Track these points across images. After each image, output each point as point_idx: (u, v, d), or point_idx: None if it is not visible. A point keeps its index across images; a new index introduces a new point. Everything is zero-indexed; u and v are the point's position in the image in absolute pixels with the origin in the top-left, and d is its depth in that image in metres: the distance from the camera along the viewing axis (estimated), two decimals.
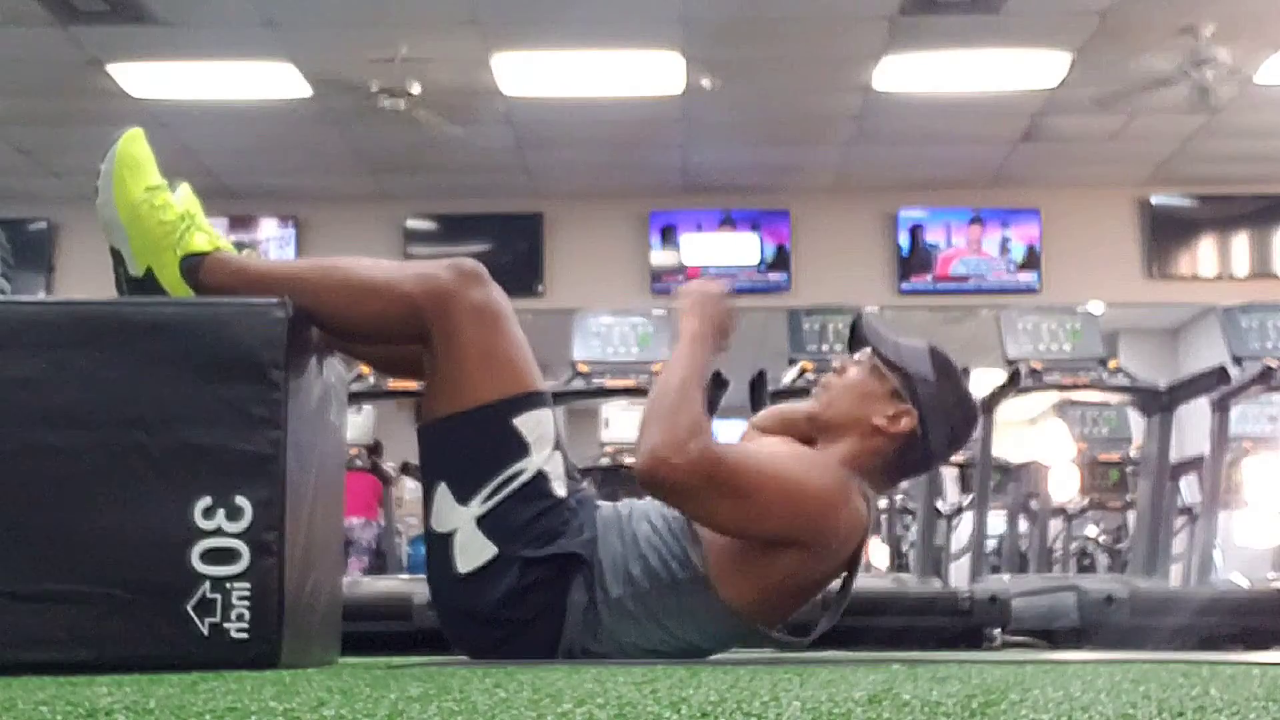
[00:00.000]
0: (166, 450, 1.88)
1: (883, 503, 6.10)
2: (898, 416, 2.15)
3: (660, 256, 9.47)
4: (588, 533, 2.14)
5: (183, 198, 2.13)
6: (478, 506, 2.10)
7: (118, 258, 2.12)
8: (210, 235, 2.13)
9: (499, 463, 2.11)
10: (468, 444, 2.11)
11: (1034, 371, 5.24)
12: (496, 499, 2.10)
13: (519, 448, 2.11)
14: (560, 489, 2.14)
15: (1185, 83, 7.22)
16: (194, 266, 2.09)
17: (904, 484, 5.60)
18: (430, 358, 2.14)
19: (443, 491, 2.12)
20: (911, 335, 2.29)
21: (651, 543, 2.15)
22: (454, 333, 2.10)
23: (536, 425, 2.13)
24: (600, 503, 2.25)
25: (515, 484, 2.10)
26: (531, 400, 2.14)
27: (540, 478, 2.12)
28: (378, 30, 7.02)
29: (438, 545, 2.12)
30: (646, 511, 2.21)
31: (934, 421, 2.17)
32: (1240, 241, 9.50)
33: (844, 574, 2.21)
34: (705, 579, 2.11)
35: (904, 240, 9.46)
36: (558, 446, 2.16)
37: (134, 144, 2.13)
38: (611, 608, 2.12)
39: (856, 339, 2.23)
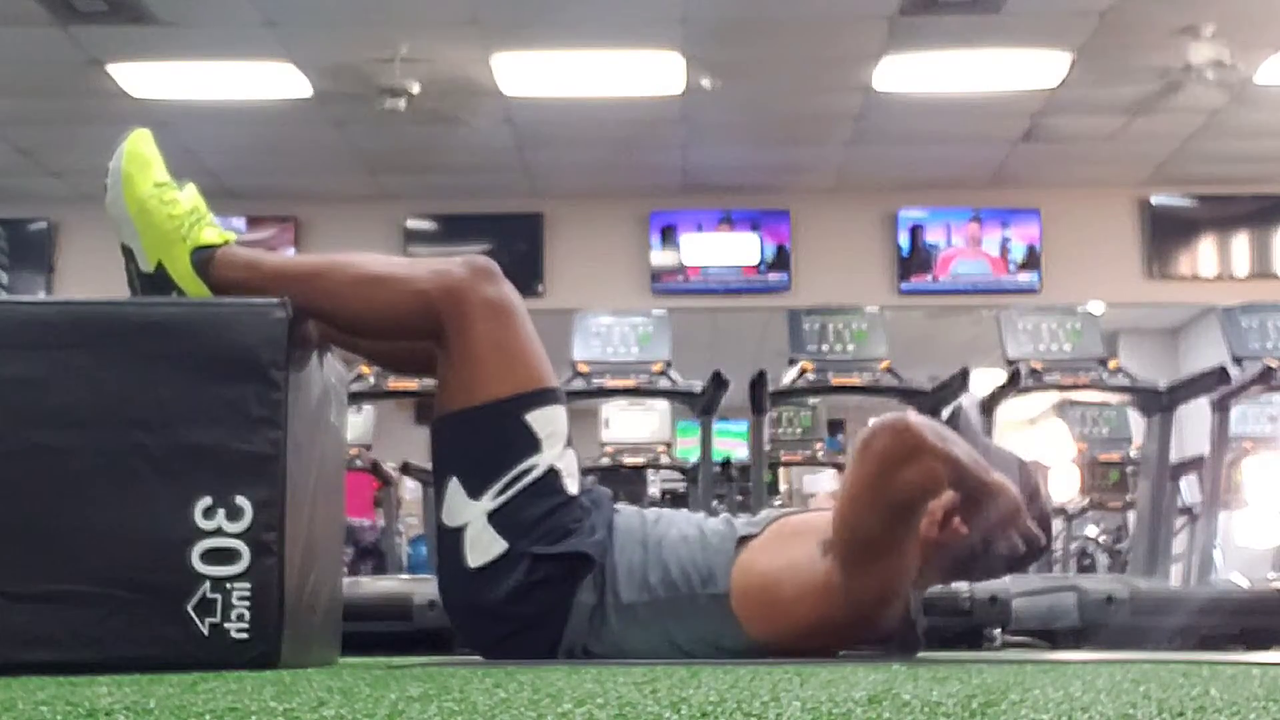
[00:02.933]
0: (166, 450, 1.88)
1: None
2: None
3: (660, 256, 9.46)
4: (600, 534, 2.14)
5: (189, 196, 2.14)
6: (489, 501, 2.10)
7: (129, 255, 2.13)
8: (219, 230, 2.14)
9: (511, 458, 2.11)
10: (480, 439, 2.12)
11: (1034, 371, 5.24)
12: (508, 494, 2.10)
13: (531, 444, 2.11)
14: (572, 486, 2.15)
15: (1185, 82, 7.23)
16: (205, 260, 2.10)
17: None
18: (443, 354, 2.14)
19: (454, 486, 2.12)
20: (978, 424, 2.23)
21: (677, 552, 2.14)
22: (467, 328, 2.10)
23: (549, 422, 2.14)
24: (620, 506, 2.25)
25: (527, 480, 2.11)
26: (544, 396, 2.15)
27: (552, 474, 2.12)
28: (378, 30, 7.02)
29: (448, 539, 2.13)
30: (681, 520, 2.20)
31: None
32: (1240, 241, 9.50)
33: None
34: (724, 599, 2.10)
35: (904, 240, 9.45)
36: (570, 444, 2.17)
37: (142, 142, 2.14)
38: (621, 612, 2.12)
39: (950, 426, 2.16)
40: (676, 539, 2.16)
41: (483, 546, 2.10)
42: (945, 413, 4.92)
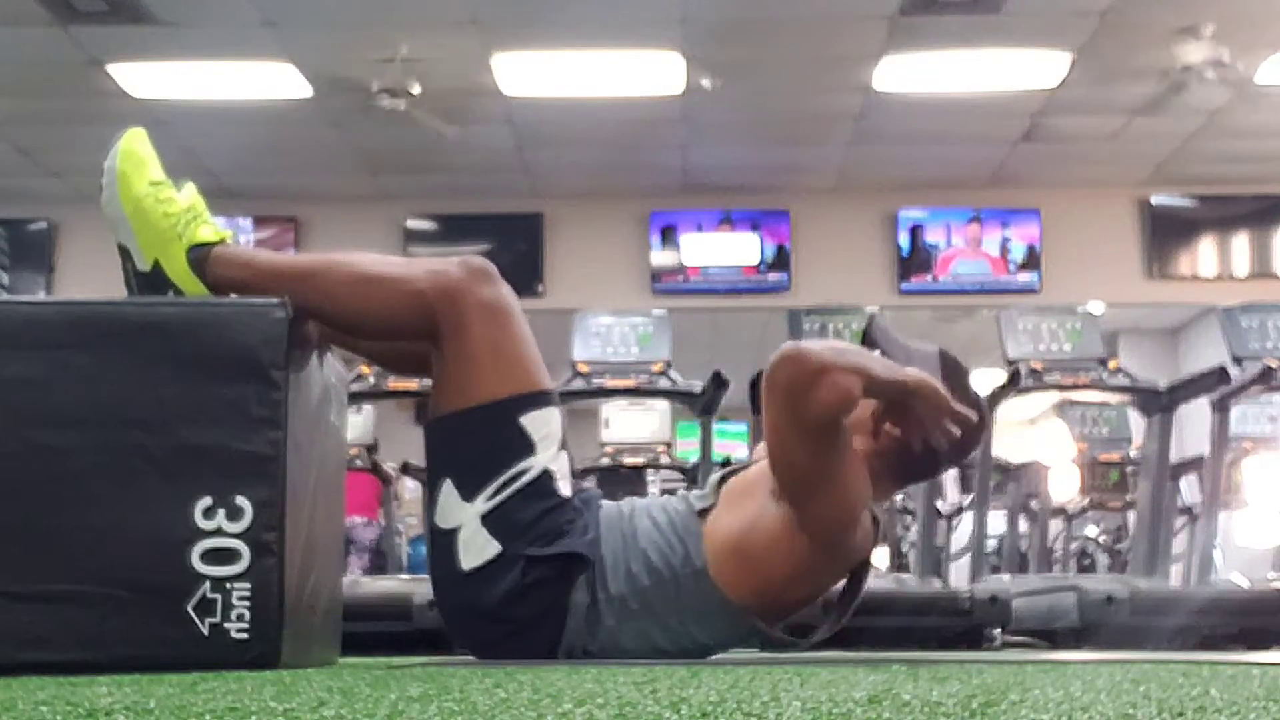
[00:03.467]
0: (166, 450, 1.88)
1: None
2: None
3: (660, 256, 9.47)
4: (592, 532, 2.14)
5: (187, 195, 2.14)
6: (483, 503, 2.10)
7: (125, 254, 2.13)
8: (215, 229, 2.14)
9: (505, 460, 2.11)
10: (474, 441, 2.12)
11: (1034, 371, 5.24)
12: (501, 496, 2.10)
13: (525, 446, 2.11)
14: (565, 488, 2.15)
15: (1185, 82, 7.23)
16: (201, 258, 2.09)
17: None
18: (438, 354, 2.14)
19: (448, 488, 2.12)
20: (919, 337, 2.28)
21: (651, 538, 2.15)
22: (463, 329, 2.10)
23: (543, 424, 2.14)
24: (604, 502, 2.25)
25: (520, 482, 2.11)
26: (539, 399, 2.15)
27: (546, 476, 2.12)
28: (378, 30, 7.02)
29: (442, 541, 2.13)
30: (648, 507, 2.21)
31: None
32: (1240, 241, 9.50)
33: (849, 581, 2.21)
34: (704, 573, 2.11)
35: (904, 240, 9.46)
36: (564, 446, 2.17)
37: (136, 141, 2.14)
38: (613, 606, 2.12)
39: (868, 341, 2.22)
40: (649, 526, 2.17)
41: (476, 549, 2.09)
42: (857, 325, 4.97)
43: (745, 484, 2.19)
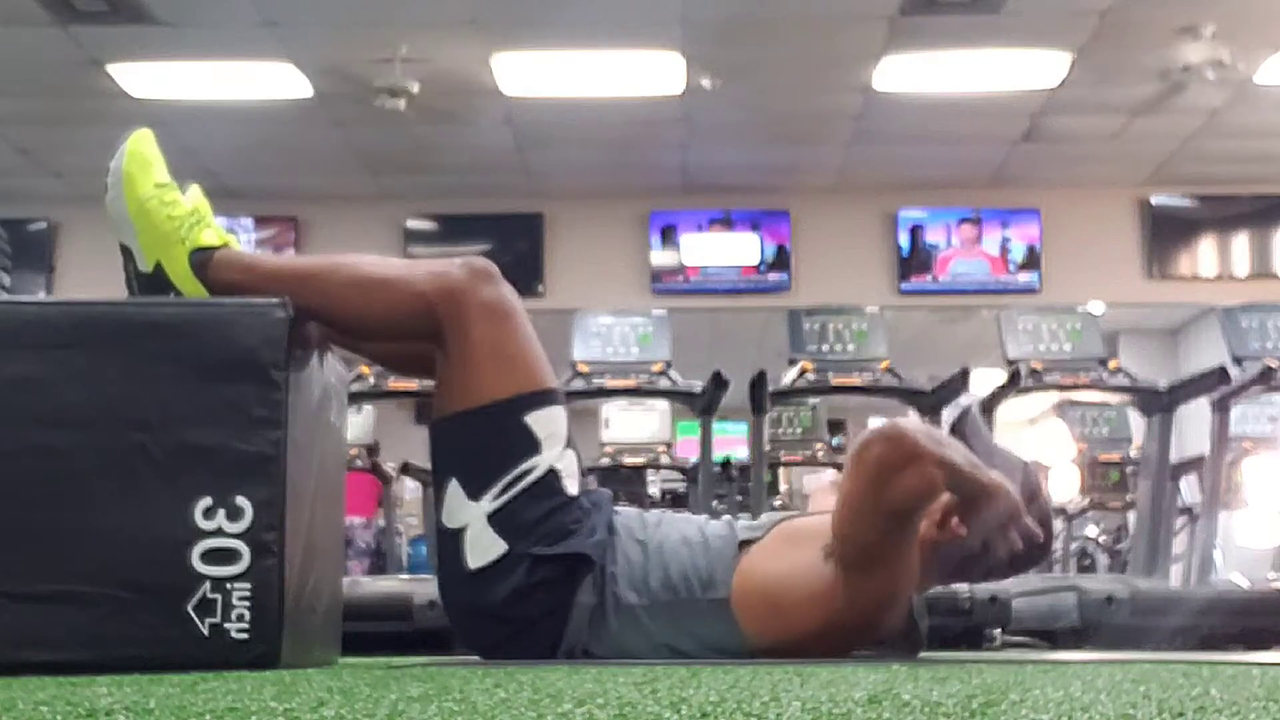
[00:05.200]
0: (167, 450, 1.88)
1: None
2: None
3: (660, 256, 9.46)
4: (600, 534, 2.13)
5: (192, 197, 2.14)
6: (489, 503, 2.10)
7: (127, 254, 2.13)
8: (219, 232, 2.14)
9: (510, 459, 2.11)
10: (480, 440, 2.11)
11: (1034, 371, 5.24)
12: (508, 496, 2.10)
13: (530, 445, 2.11)
14: (572, 487, 2.14)
15: (1185, 82, 7.23)
16: (203, 261, 2.09)
17: None
18: (442, 355, 2.14)
19: (454, 488, 2.12)
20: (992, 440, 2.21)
21: (678, 555, 2.14)
22: (466, 330, 2.10)
23: (549, 423, 2.13)
24: (621, 507, 2.24)
25: (526, 481, 2.10)
26: (544, 398, 2.14)
27: (552, 475, 2.12)
28: (378, 30, 7.02)
29: (448, 541, 2.13)
30: (683, 524, 2.20)
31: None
32: (1240, 241, 9.50)
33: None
34: (725, 603, 2.10)
35: (904, 240, 9.45)
36: (570, 445, 2.16)
37: (143, 143, 2.14)
38: (621, 614, 2.11)
39: (956, 431, 2.17)
40: (677, 541, 2.16)
41: (482, 548, 2.09)
42: (948, 413, 4.92)
43: (800, 532, 2.17)
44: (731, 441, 9.43)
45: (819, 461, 7.62)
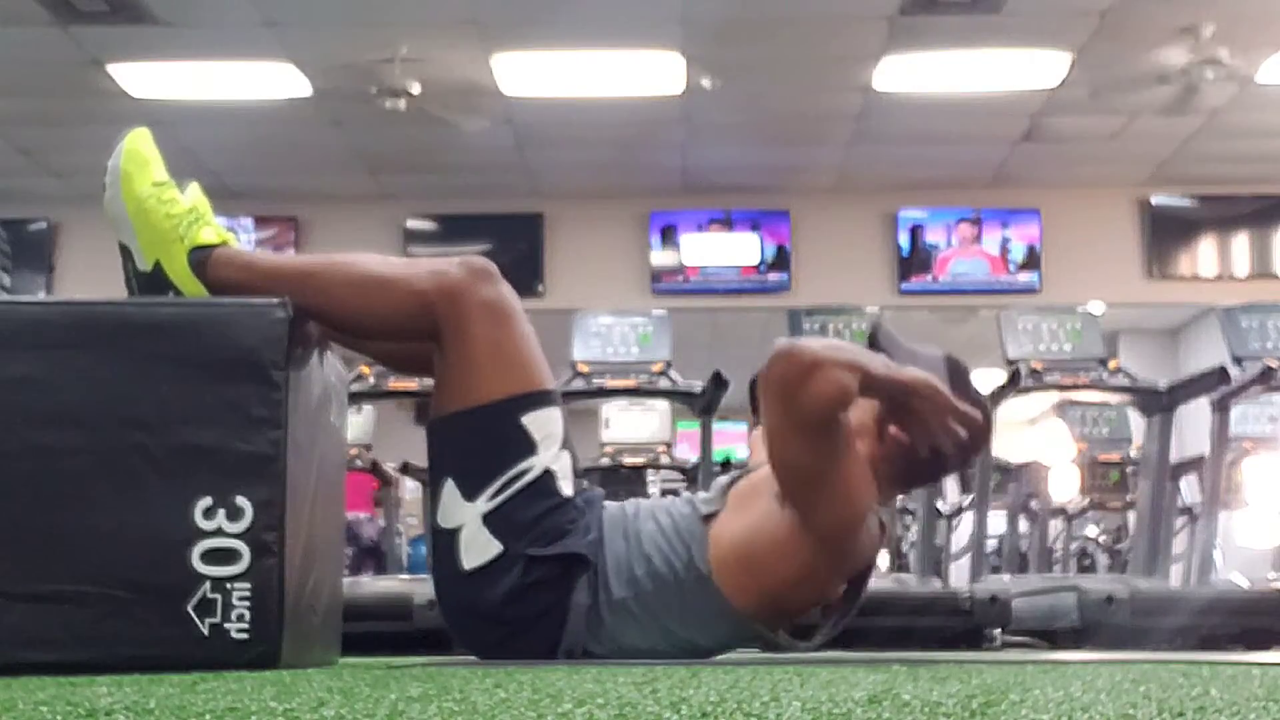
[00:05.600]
0: (166, 450, 1.88)
1: None
2: None
3: (660, 256, 9.47)
4: (594, 533, 2.14)
5: (191, 196, 2.14)
6: (484, 503, 2.10)
7: (126, 254, 2.12)
8: (218, 230, 2.14)
9: (506, 460, 2.11)
10: (476, 440, 2.12)
11: (1034, 371, 5.24)
12: (503, 496, 2.10)
13: (527, 445, 2.11)
14: (567, 488, 2.14)
15: (1185, 82, 7.23)
16: (202, 260, 2.09)
17: None
18: (440, 355, 2.14)
19: (450, 488, 2.12)
20: (923, 339, 2.27)
21: (656, 542, 2.15)
22: (464, 329, 2.10)
23: (545, 424, 2.13)
24: (607, 503, 2.25)
25: (522, 482, 2.10)
26: (540, 398, 2.14)
27: (547, 476, 2.12)
28: (378, 30, 7.02)
29: (444, 541, 2.13)
30: (653, 509, 2.21)
31: None
32: (1240, 241, 9.50)
33: (850, 583, 2.21)
34: (708, 578, 2.11)
35: (904, 240, 9.46)
36: (565, 445, 2.16)
37: (141, 141, 2.14)
38: (614, 609, 2.12)
39: (872, 345, 2.19)
40: (653, 530, 2.16)
41: (478, 548, 2.09)
42: (861, 328, 4.95)
43: (750, 488, 2.18)
44: (731, 437, 9.42)
45: None
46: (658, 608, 2.12)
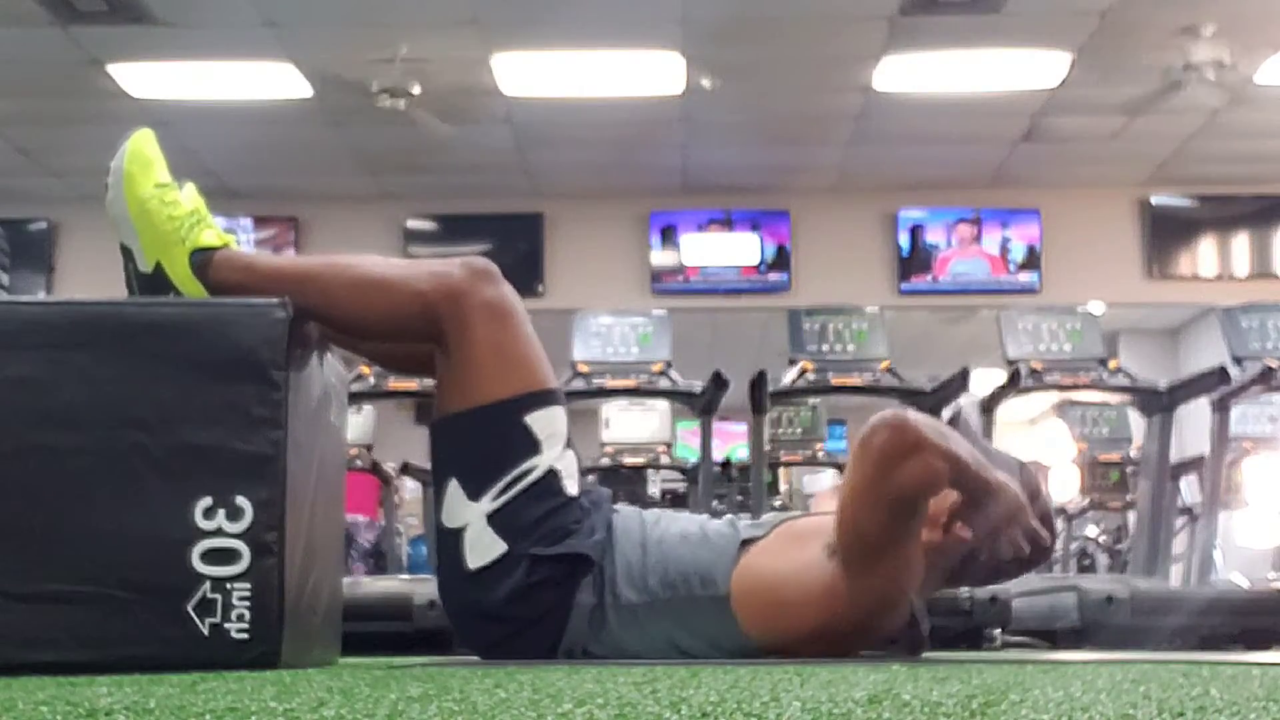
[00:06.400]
0: (166, 450, 1.88)
1: None
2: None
3: (660, 256, 9.47)
4: (600, 534, 2.13)
5: (190, 197, 2.14)
6: (489, 503, 2.10)
7: (127, 254, 2.13)
8: (219, 232, 2.14)
9: (510, 460, 2.11)
10: (479, 440, 2.12)
11: (1034, 371, 5.24)
12: (507, 496, 2.10)
13: (531, 445, 2.11)
14: (572, 487, 2.14)
15: (1185, 82, 7.23)
16: (204, 262, 2.09)
17: None
18: (442, 355, 2.14)
19: (454, 488, 2.12)
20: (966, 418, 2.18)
21: (677, 552, 2.13)
22: (466, 330, 2.10)
23: (549, 423, 2.13)
24: (620, 506, 2.24)
25: (526, 481, 2.10)
26: (544, 398, 2.14)
27: (552, 475, 2.12)
28: (378, 30, 7.02)
29: (448, 541, 2.13)
30: (682, 523, 2.19)
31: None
32: (1240, 241, 9.50)
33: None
34: (724, 600, 2.09)
35: (904, 240, 9.46)
36: (569, 445, 2.16)
37: (145, 142, 2.14)
38: (620, 613, 2.11)
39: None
40: (676, 539, 2.15)
41: (482, 548, 2.09)
42: (945, 414, 4.91)
43: (803, 531, 2.16)
44: (732, 435, 9.43)
45: (819, 461, 7.62)
46: (666, 619, 2.11)
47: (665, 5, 6.77)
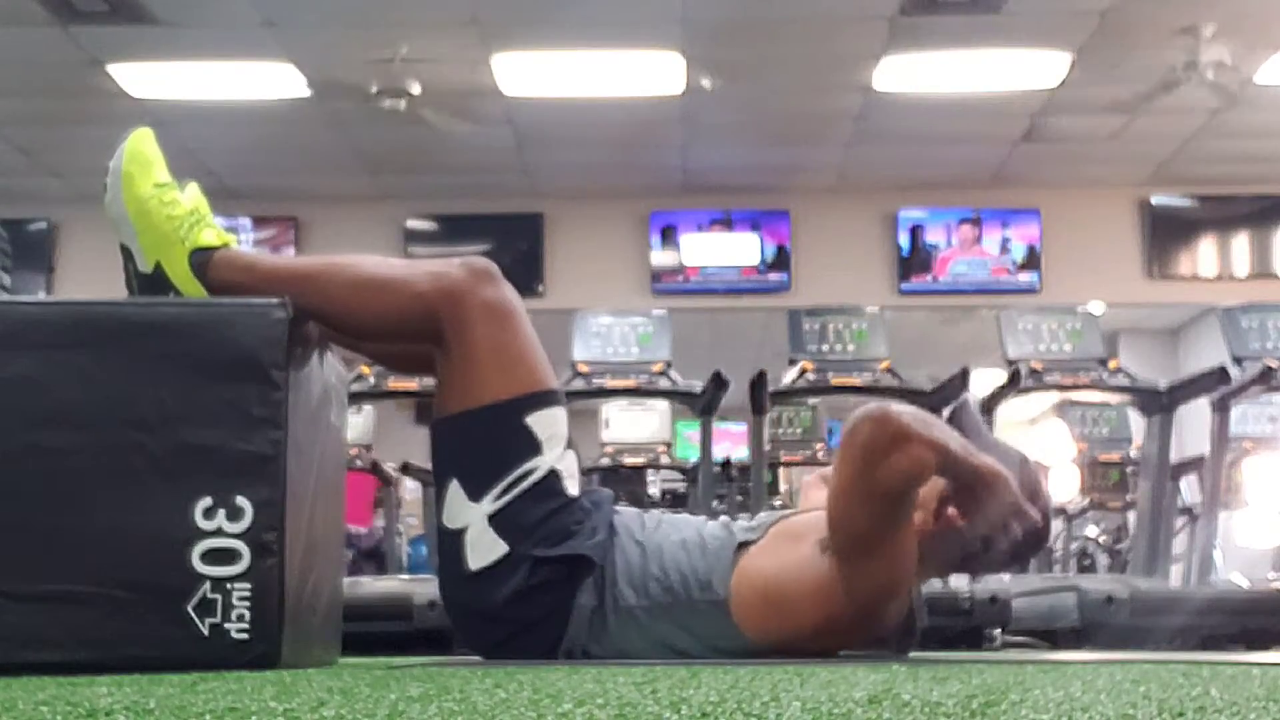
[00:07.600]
0: (166, 450, 1.88)
1: None
2: None
3: (660, 256, 9.47)
4: (601, 535, 2.13)
5: (190, 196, 2.14)
6: (489, 504, 2.10)
7: (127, 255, 2.12)
8: (218, 232, 2.14)
9: (511, 460, 2.11)
10: (480, 441, 2.11)
11: (1034, 371, 5.24)
12: (508, 497, 2.10)
13: (531, 446, 2.11)
14: (573, 488, 2.15)
15: (1185, 82, 7.23)
16: (203, 261, 2.09)
17: None
18: (443, 356, 2.14)
19: (455, 488, 2.12)
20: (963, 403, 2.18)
21: (675, 557, 2.14)
22: (467, 331, 2.10)
23: (550, 424, 2.13)
24: (620, 507, 2.24)
25: (527, 482, 2.10)
26: (544, 399, 2.14)
27: (553, 476, 2.12)
28: (378, 30, 7.02)
29: (449, 542, 2.13)
30: (680, 525, 2.19)
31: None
32: (1240, 241, 9.50)
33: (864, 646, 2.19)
34: (723, 603, 2.10)
35: (904, 240, 9.46)
36: (570, 445, 2.16)
37: (144, 142, 2.13)
38: (620, 615, 2.12)
39: (953, 420, 2.14)
40: (675, 544, 2.16)
41: (483, 549, 2.09)
42: (947, 411, 4.91)
43: (795, 529, 2.16)
44: (732, 435, 9.43)
45: (819, 461, 7.61)
46: (665, 622, 2.12)
47: (665, 5, 6.77)
